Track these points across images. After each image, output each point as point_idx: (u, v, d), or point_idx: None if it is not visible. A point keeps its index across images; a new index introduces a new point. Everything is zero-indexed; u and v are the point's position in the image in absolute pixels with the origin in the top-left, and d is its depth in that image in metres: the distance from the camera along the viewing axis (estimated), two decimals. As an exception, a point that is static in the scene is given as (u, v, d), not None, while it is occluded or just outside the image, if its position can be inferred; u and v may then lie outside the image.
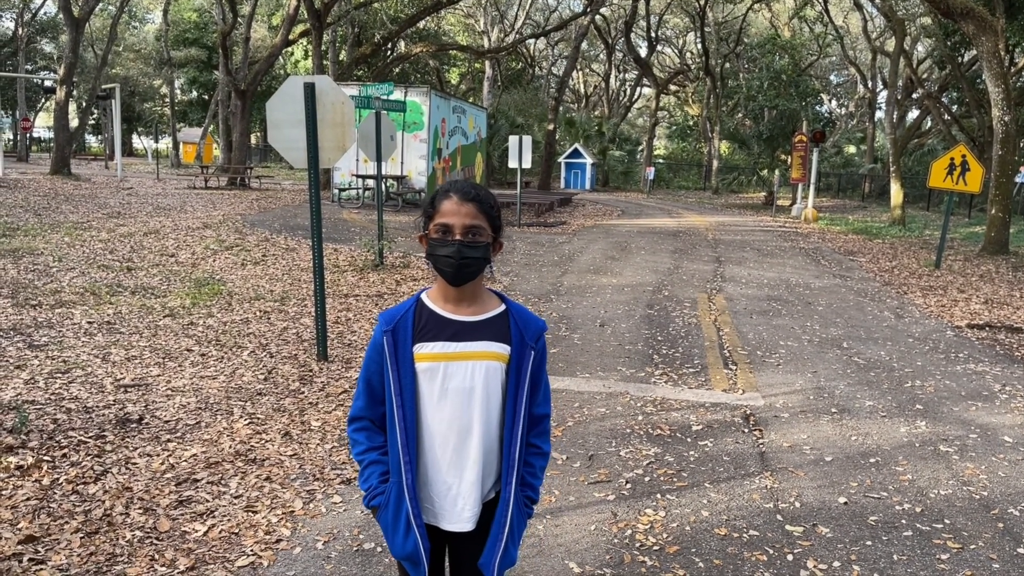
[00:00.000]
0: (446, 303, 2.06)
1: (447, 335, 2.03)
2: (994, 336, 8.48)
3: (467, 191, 2.00)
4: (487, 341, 2.05)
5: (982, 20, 14.54)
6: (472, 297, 2.07)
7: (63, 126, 25.21)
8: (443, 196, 2.01)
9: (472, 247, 1.97)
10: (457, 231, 1.97)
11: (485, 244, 2.00)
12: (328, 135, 6.23)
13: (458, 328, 2.04)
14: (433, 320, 2.04)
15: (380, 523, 2.11)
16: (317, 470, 4.43)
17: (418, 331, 2.03)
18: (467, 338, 2.04)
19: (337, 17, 29.22)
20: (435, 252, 1.99)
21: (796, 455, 4.88)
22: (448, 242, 1.97)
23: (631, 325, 8.43)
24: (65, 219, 14.37)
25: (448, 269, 1.98)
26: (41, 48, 49.88)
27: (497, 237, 2.07)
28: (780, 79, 33.02)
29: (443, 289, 2.06)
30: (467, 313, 2.06)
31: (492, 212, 2.04)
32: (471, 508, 2.07)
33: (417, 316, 2.05)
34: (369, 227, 15.42)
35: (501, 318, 2.09)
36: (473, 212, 1.98)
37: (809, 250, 16.06)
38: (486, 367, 2.04)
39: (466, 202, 1.98)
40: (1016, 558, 3.66)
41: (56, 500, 3.87)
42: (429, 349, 2.02)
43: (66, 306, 7.89)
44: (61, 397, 5.30)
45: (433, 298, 2.08)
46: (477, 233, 1.98)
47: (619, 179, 44.59)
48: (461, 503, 2.07)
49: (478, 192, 2.02)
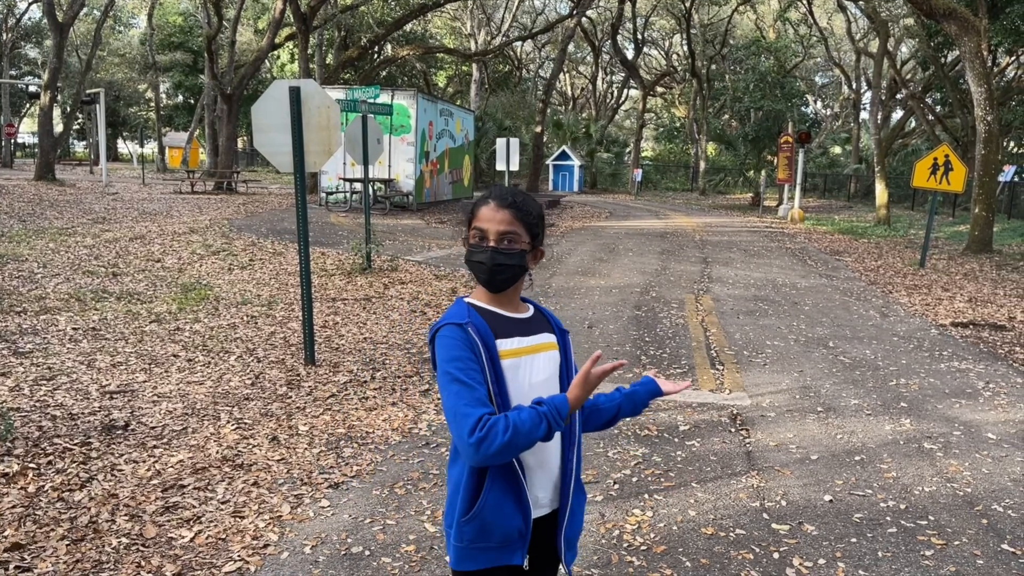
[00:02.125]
0: (499, 304, 2.05)
1: (517, 331, 2.04)
2: (978, 334, 8.56)
3: (505, 197, 2.00)
4: (543, 333, 2.10)
5: (965, 21, 14.68)
6: (515, 299, 2.10)
7: (48, 131, 25.04)
8: (482, 202, 2.01)
9: (506, 253, 1.97)
10: (491, 237, 1.97)
11: (520, 251, 1.99)
12: (314, 139, 6.23)
13: (522, 324, 2.06)
14: (498, 318, 2.03)
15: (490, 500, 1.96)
16: (305, 474, 4.42)
17: (492, 328, 1.99)
18: (531, 332, 2.07)
19: (323, 20, 29.15)
20: (472, 257, 2.00)
21: (782, 454, 4.91)
22: (483, 248, 1.97)
23: (619, 326, 8.46)
24: (50, 225, 14.27)
25: (482, 275, 1.99)
26: (25, 53, 49.57)
27: (536, 245, 2.06)
28: (766, 80, 33.23)
29: (488, 293, 2.05)
30: (517, 313, 2.09)
31: (530, 220, 2.02)
32: (551, 492, 2.10)
33: (482, 315, 2.01)
34: (357, 230, 15.39)
35: (539, 314, 2.16)
36: (509, 219, 1.98)
37: (795, 250, 16.16)
38: (553, 357, 2.09)
39: (502, 208, 1.98)
40: (1000, 554, 3.70)
41: (42, 507, 3.84)
42: (509, 345, 2.00)
43: (51, 312, 7.83)
44: (46, 404, 5.27)
45: (484, 300, 2.05)
46: (512, 240, 1.98)
47: (607, 181, 44.74)
48: (541, 491, 2.08)
49: (516, 199, 2.01)
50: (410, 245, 14.48)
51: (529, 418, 1.83)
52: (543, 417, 1.85)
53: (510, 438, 1.80)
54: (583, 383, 1.89)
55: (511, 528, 1.99)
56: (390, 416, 5.43)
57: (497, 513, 1.97)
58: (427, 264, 12.36)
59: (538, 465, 2.05)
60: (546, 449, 2.06)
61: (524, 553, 2.03)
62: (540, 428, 1.84)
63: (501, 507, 1.98)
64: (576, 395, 1.90)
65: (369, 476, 4.45)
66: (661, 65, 53.50)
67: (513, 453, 1.86)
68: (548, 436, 1.87)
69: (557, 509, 2.12)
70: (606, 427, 2.32)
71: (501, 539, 1.99)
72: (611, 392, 2.28)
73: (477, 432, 1.79)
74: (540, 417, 1.84)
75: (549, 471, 2.09)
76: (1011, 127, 25.25)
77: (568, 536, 2.13)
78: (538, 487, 2.06)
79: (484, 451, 1.79)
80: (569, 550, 2.15)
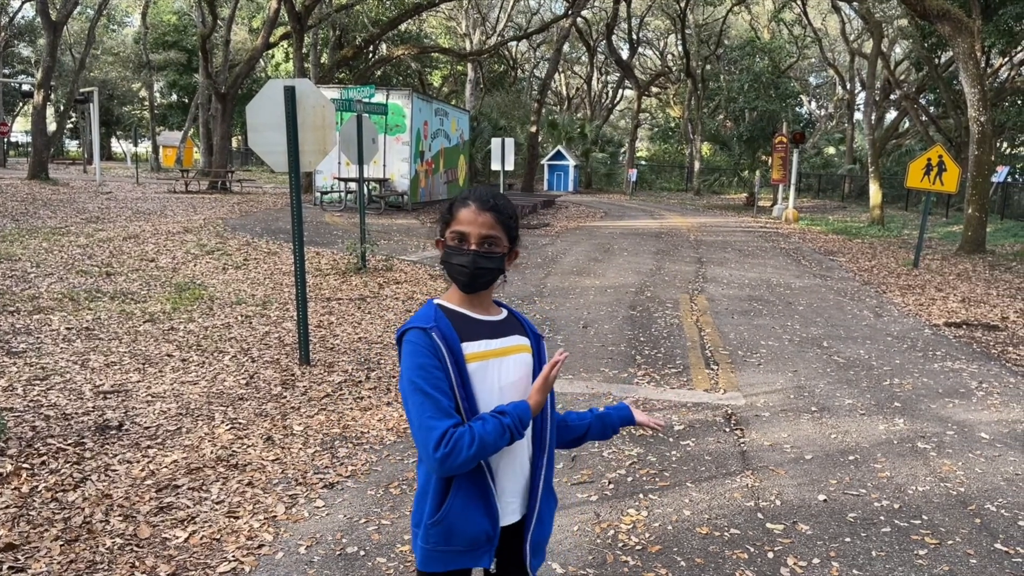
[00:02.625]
0: (471, 306, 2.03)
1: (486, 334, 2.01)
2: (971, 334, 8.59)
3: (486, 200, 1.97)
4: (515, 335, 2.08)
5: (958, 22, 14.73)
6: (487, 301, 2.08)
7: (41, 130, 24.94)
8: (462, 203, 1.98)
9: (487, 257, 1.96)
10: (473, 240, 1.95)
11: (501, 255, 1.99)
12: (309, 138, 6.22)
13: (492, 326, 2.04)
14: (467, 320, 2.01)
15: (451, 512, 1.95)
16: (299, 474, 4.41)
17: (458, 330, 1.97)
18: (502, 334, 2.05)
19: (318, 20, 29.10)
20: (450, 260, 1.97)
21: (777, 454, 4.92)
22: (463, 251, 1.95)
23: (614, 326, 8.47)
24: (43, 224, 14.21)
25: (462, 278, 1.97)
26: (19, 52, 49.32)
27: (513, 247, 2.06)
28: (760, 81, 33.31)
29: (461, 294, 2.03)
30: (489, 315, 2.06)
31: (510, 222, 2.01)
32: (520, 497, 2.09)
33: (449, 318, 1.99)
34: (352, 230, 15.37)
35: (511, 317, 2.14)
36: (491, 222, 1.96)
37: (790, 250, 16.20)
38: (524, 360, 2.06)
39: (484, 211, 1.96)
40: (993, 553, 3.72)
41: (35, 508, 3.83)
42: (476, 348, 1.97)
43: (44, 312, 7.81)
44: (40, 404, 5.25)
45: (455, 302, 2.03)
46: (493, 243, 1.97)
47: (602, 181, 44.75)
48: (511, 496, 2.07)
49: (497, 201, 1.99)
50: (405, 245, 14.46)
51: (493, 429, 1.86)
52: (506, 428, 1.88)
53: (475, 451, 1.84)
54: (543, 387, 1.97)
55: (478, 532, 1.98)
56: (385, 416, 5.43)
57: (463, 518, 1.96)
58: (422, 264, 12.35)
59: (508, 469, 2.04)
60: (516, 455, 2.05)
61: (492, 557, 2.02)
62: (504, 439, 1.88)
63: (468, 511, 1.97)
64: (537, 400, 1.97)
65: (364, 476, 4.45)
66: (656, 65, 53.58)
67: (478, 462, 1.90)
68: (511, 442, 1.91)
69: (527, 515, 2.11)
70: (572, 446, 2.31)
71: (467, 544, 1.98)
72: (583, 412, 2.27)
73: (443, 447, 1.81)
74: (503, 428, 1.88)
75: (519, 477, 2.07)
76: (1004, 128, 25.32)
77: (535, 541, 2.12)
78: (508, 492, 2.04)
79: (450, 464, 1.83)
80: (535, 556, 2.13)
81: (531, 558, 2.12)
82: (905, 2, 15.73)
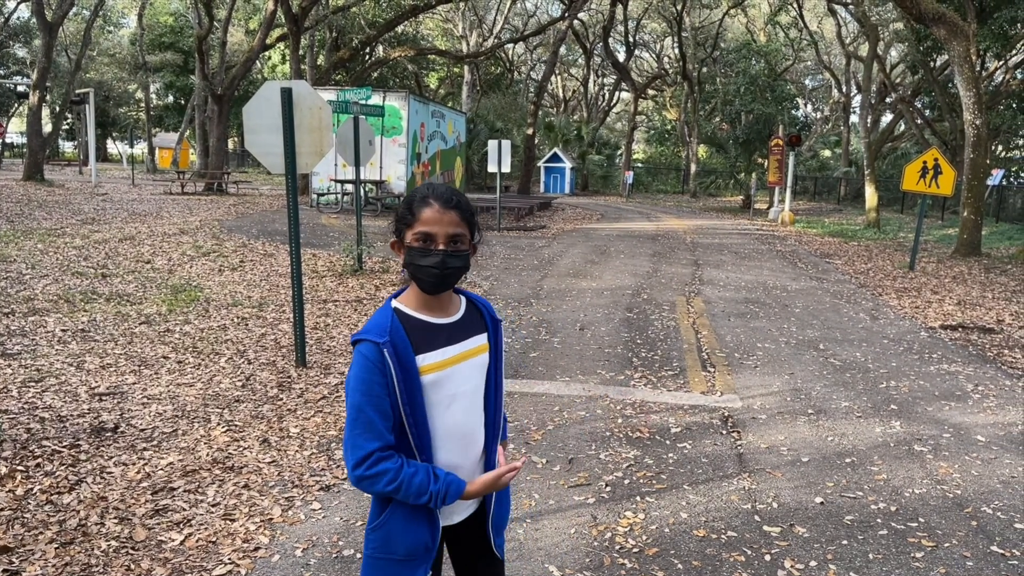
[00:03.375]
0: (430, 309, 1.97)
1: (443, 341, 1.96)
2: (967, 337, 8.61)
3: (448, 197, 1.90)
4: (474, 336, 2.03)
5: (954, 25, 14.78)
6: (449, 299, 2.03)
7: (36, 131, 24.88)
8: (422, 203, 1.88)
9: (456, 256, 1.89)
10: (440, 240, 1.87)
11: (467, 252, 1.93)
12: (306, 140, 6.21)
13: (451, 330, 1.99)
14: (423, 328, 1.94)
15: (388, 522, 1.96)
16: (296, 477, 4.40)
17: (414, 342, 1.91)
18: (460, 338, 2.00)
19: (315, 21, 29.10)
20: (416, 262, 1.88)
21: (773, 456, 4.92)
22: (432, 251, 1.87)
23: (610, 328, 8.47)
24: (38, 225, 14.17)
25: (430, 279, 1.88)
26: (14, 53, 49.20)
27: (474, 241, 2.00)
28: (756, 83, 33.33)
29: (420, 296, 1.96)
30: (448, 315, 2.01)
31: (472, 217, 1.96)
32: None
33: (405, 326, 1.92)
34: (348, 232, 15.36)
35: (471, 308, 2.08)
36: (456, 220, 1.89)
37: (786, 253, 16.22)
38: (481, 362, 2.03)
39: (448, 210, 1.88)
40: (989, 556, 3.72)
41: (30, 510, 3.81)
42: (432, 359, 1.92)
43: (39, 314, 7.78)
44: (35, 406, 5.23)
45: (412, 306, 1.96)
46: (460, 241, 1.90)
47: (598, 183, 44.80)
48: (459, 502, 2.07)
49: (458, 198, 1.92)
50: (401, 247, 14.44)
51: (418, 485, 1.86)
52: (430, 493, 1.87)
53: (391, 491, 1.85)
54: (491, 485, 1.98)
55: (416, 543, 1.96)
56: (382, 418, 5.40)
57: (403, 527, 1.94)
58: (419, 266, 12.33)
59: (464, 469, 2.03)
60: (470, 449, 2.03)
61: (427, 569, 2.01)
62: (422, 499, 1.87)
63: (408, 521, 1.94)
64: (476, 490, 1.97)
65: (360, 478, 4.43)
66: (652, 68, 53.66)
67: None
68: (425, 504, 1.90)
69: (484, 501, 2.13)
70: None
71: (405, 553, 1.96)
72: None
73: (362, 468, 1.82)
74: (427, 491, 1.87)
75: (476, 472, 2.07)
76: (999, 131, 25.42)
77: (496, 523, 2.15)
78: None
79: (364, 488, 1.85)
80: (498, 535, 2.17)
81: (495, 538, 2.16)
82: (901, 5, 15.77)
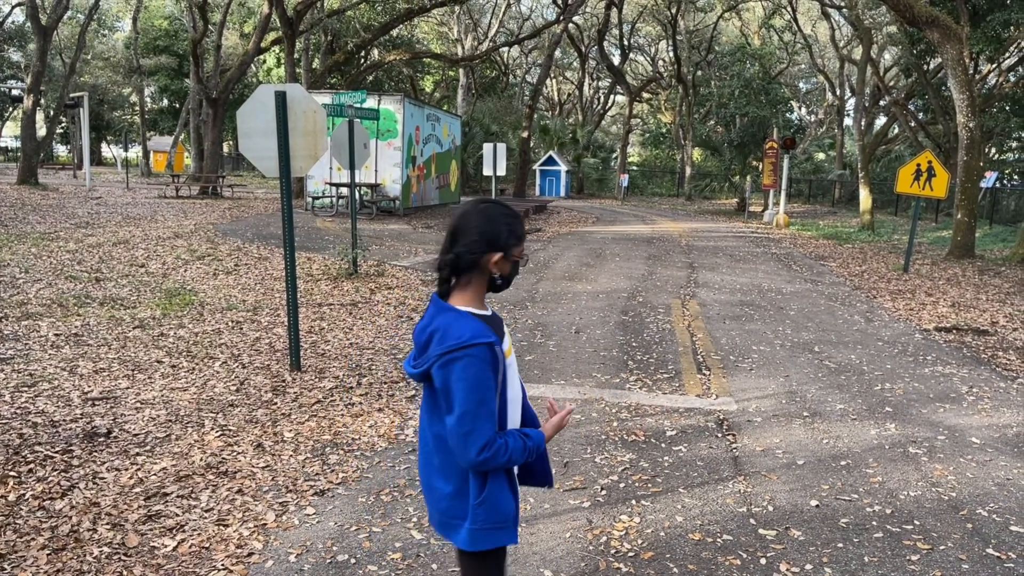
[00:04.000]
0: (482, 306, 2.26)
1: (500, 330, 2.29)
2: (961, 339, 8.62)
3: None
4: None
5: (947, 28, 14.83)
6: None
7: (30, 135, 24.81)
8: (522, 226, 2.27)
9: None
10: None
11: None
12: (300, 144, 6.20)
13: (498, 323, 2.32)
14: (489, 321, 2.24)
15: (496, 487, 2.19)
16: (290, 482, 4.38)
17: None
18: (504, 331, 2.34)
19: (310, 25, 29.07)
20: (516, 273, 2.28)
21: (769, 459, 4.92)
22: (518, 265, 2.29)
23: (606, 331, 8.46)
24: (32, 229, 14.12)
25: (506, 285, 2.29)
26: (8, 57, 49.11)
27: None
28: (751, 87, 33.44)
29: (476, 297, 2.24)
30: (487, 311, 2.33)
31: None
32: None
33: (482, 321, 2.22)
34: (343, 235, 15.33)
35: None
36: None
37: (781, 255, 16.25)
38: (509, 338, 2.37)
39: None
40: (985, 558, 3.72)
41: (22, 516, 3.79)
42: (507, 344, 2.27)
43: (32, 318, 7.75)
44: (27, 411, 5.20)
45: (473, 306, 2.23)
46: None
47: (594, 186, 44.86)
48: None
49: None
50: (397, 250, 14.44)
51: (520, 448, 2.16)
52: (530, 450, 2.19)
53: (505, 461, 2.12)
54: (558, 426, 2.31)
55: (515, 505, 2.25)
56: (376, 422, 5.40)
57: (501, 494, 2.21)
58: (414, 269, 12.33)
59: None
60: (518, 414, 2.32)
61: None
62: (523, 457, 2.17)
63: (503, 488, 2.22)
64: (550, 434, 2.31)
65: (355, 483, 4.42)
66: (647, 71, 53.71)
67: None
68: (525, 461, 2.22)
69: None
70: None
71: (512, 516, 2.25)
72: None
73: (486, 452, 2.08)
74: (527, 449, 2.18)
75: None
76: (993, 133, 25.51)
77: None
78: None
79: (486, 468, 2.11)
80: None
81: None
82: (894, 8, 15.82)
